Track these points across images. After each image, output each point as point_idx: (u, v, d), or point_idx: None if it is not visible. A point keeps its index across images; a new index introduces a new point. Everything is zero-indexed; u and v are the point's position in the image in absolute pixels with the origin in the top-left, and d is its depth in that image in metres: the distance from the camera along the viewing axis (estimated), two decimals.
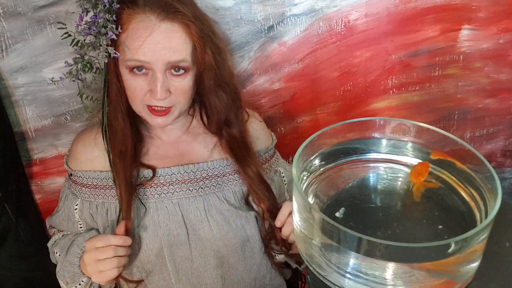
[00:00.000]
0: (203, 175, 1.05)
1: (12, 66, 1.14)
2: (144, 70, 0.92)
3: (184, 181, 1.03)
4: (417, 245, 0.56)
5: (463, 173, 0.72)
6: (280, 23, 1.20)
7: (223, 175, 1.06)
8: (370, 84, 1.32)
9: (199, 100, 1.06)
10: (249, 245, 1.07)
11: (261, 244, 1.09)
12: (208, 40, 0.94)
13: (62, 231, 1.10)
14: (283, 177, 1.13)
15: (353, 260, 0.60)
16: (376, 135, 0.79)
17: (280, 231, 1.00)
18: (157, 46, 0.89)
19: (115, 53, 0.90)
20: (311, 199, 0.74)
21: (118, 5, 0.90)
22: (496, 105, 1.41)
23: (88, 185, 1.04)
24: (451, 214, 0.70)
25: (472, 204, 0.70)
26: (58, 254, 1.06)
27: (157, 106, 0.94)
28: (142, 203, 1.01)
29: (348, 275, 0.62)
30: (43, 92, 1.18)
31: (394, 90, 1.34)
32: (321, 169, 0.78)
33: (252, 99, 1.29)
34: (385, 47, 1.27)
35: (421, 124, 0.76)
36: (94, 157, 1.03)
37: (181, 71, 0.93)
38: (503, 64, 1.35)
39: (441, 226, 0.67)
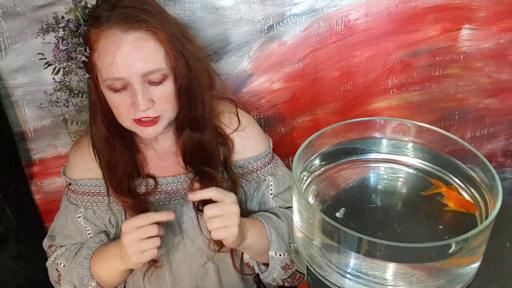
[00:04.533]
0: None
1: (11, 66, 1.14)
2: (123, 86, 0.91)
3: (179, 190, 1.05)
4: (417, 245, 0.56)
5: (463, 173, 0.72)
6: (280, 23, 1.20)
7: None
8: (370, 84, 1.32)
9: None
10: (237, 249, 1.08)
11: None
12: (179, 45, 0.92)
13: (63, 246, 1.08)
14: (271, 185, 1.10)
15: (353, 261, 0.60)
16: (377, 135, 0.79)
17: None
18: (128, 59, 0.88)
19: (85, 75, 0.91)
20: (311, 199, 0.74)
21: (85, 28, 0.90)
22: (496, 105, 1.41)
23: (89, 193, 1.04)
24: (452, 214, 0.70)
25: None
26: (62, 264, 1.04)
27: (144, 118, 0.93)
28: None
29: (348, 276, 0.62)
30: (42, 92, 1.18)
31: (395, 90, 1.34)
32: (321, 169, 0.77)
33: (252, 99, 1.28)
34: (385, 47, 1.27)
35: (422, 124, 0.76)
36: (93, 166, 1.03)
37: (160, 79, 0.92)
38: (503, 64, 1.35)
39: (441, 227, 0.67)
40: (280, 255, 1.02)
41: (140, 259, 0.92)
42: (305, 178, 0.74)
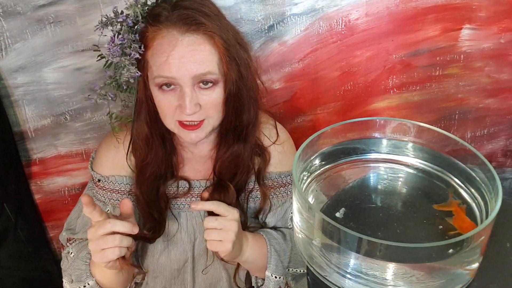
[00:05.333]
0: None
1: (12, 66, 1.14)
2: (172, 86, 0.91)
3: None
4: (417, 245, 0.56)
5: (463, 173, 0.72)
6: (280, 23, 1.20)
7: (247, 190, 1.07)
8: (371, 84, 1.32)
9: None
10: None
11: None
12: (234, 51, 0.92)
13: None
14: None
15: (353, 261, 0.60)
16: (377, 135, 0.79)
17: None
18: (182, 60, 0.87)
19: (137, 72, 0.90)
20: (311, 199, 0.74)
21: (143, 25, 0.90)
22: (497, 105, 1.41)
23: (119, 191, 1.04)
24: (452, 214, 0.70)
25: (473, 204, 0.70)
26: (72, 254, 1.03)
27: (188, 121, 0.93)
28: (173, 215, 1.04)
29: (348, 276, 0.62)
30: (43, 91, 1.18)
31: (395, 90, 1.34)
32: (321, 169, 0.77)
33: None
34: (386, 47, 1.27)
35: (422, 124, 0.76)
36: (126, 165, 1.03)
37: (210, 84, 0.91)
38: (504, 63, 1.35)
39: (441, 227, 0.67)
40: (275, 277, 1.02)
41: (100, 259, 0.87)
42: (305, 178, 0.74)
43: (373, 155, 0.80)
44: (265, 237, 1.04)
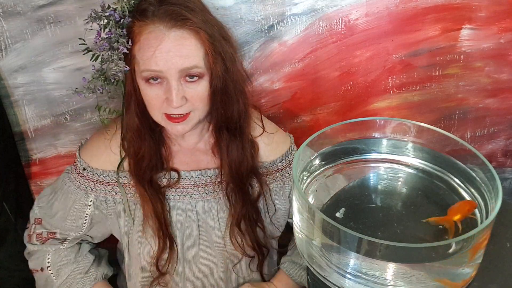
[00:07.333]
0: (218, 180, 1.07)
1: (12, 66, 1.14)
2: (159, 80, 0.92)
3: (202, 185, 1.07)
4: (417, 245, 0.56)
5: (463, 173, 0.72)
6: (280, 23, 1.20)
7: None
8: (371, 84, 1.31)
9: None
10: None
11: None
12: (219, 46, 0.94)
13: (53, 234, 1.10)
14: None
15: (353, 261, 0.60)
16: (377, 135, 0.79)
17: None
18: (169, 54, 0.89)
19: (125, 67, 0.91)
20: (311, 199, 0.74)
21: (129, 19, 0.91)
22: (496, 105, 1.41)
23: (103, 182, 1.05)
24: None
25: None
26: (53, 275, 1.08)
27: (174, 114, 0.95)
28: (167, 203, 1.06)
29: (348, 276, 0.62)
30: (43, 92, 1.18)
31: (395, 90, 1.34)
32: (321, 169, 0.78)
33: (252, 99, 1.28)
34: (386, 47, 1.27)
35: (422, 124, 0.76)
36: (114, 159, 1.04)
37: (195, 78, 0.93)
38: (504, 63, 1.34)
39: (441, 226, 0.67)
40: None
41: None
42: (305, 178, 0.74)
43: (373, 155, 0.80)
44: (287, 271, 1.14)
